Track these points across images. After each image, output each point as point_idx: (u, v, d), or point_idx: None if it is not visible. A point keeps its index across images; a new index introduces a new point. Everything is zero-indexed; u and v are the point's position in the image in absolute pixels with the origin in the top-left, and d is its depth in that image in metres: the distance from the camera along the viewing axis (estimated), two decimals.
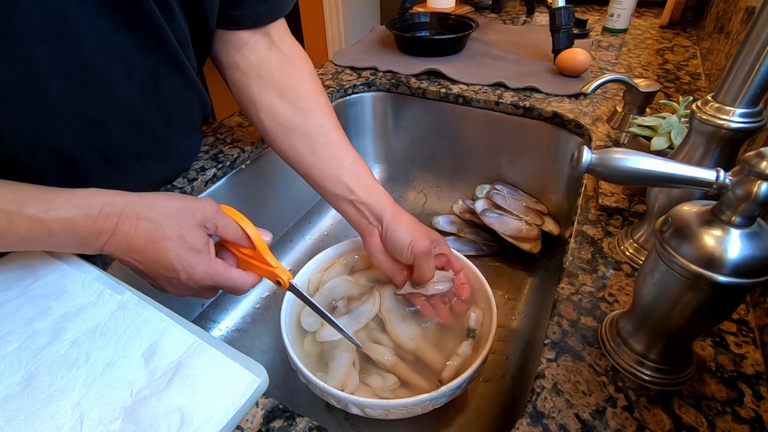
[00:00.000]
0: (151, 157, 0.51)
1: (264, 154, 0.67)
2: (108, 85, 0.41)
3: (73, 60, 0.37)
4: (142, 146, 0.49)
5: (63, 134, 0.40)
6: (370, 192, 0.51)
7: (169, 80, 0.47)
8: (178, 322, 0.37)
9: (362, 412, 0.42)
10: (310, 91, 0.53)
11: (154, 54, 0.43)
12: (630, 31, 1.06)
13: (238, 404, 0.32)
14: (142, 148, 0.49)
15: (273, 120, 0.52)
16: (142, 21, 0.40)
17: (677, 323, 0.31)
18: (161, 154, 0.53)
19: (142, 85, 0.44)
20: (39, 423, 0.30)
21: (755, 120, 0.32)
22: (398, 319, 0.51)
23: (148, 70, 0.44)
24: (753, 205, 0.26)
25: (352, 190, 0.51)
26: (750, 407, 0.32)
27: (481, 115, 0.77)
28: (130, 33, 0.40)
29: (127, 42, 0.40)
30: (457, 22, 0.96)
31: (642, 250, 0.45)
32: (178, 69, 0.47)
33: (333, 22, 1.95)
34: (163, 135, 0.51)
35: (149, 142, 0.50)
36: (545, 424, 0.32)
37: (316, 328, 0.50)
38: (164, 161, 0.54)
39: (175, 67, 0.47)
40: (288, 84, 0.53)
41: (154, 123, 0.49)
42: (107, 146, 0.45)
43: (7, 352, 0.34)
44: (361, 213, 0.51)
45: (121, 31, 0.39)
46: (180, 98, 0.50)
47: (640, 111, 0.59)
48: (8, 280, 0.40)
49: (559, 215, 0.75)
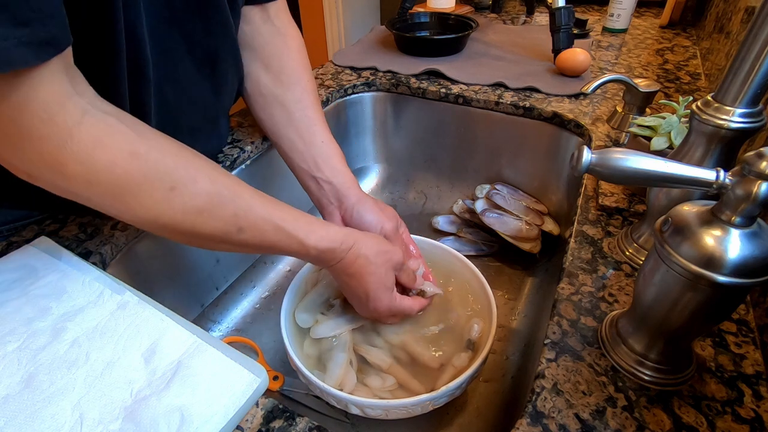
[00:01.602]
0: (201, 132, 0.54)
1: (264, 154, 0.67)
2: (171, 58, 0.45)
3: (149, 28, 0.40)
4: (195, 120, 0.52)
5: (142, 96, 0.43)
6: (335, 172, 0.53)
7: (225, 62, 0.50)
8: (178, 322, 0.37)
9: (362, 412, 0.42)
10: (295, 66, 0.56)
11: (216, 37, 0.48)
12: (630, 31, 1.06)
13: (238, 404, 0.32)
14: (195, 123, 0.52)
15: (256, 89, 0.55)
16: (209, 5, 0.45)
17: (677, 323, 0.31)
18: (209, 131, 0.56)
19: (200, 62, 0.48)
20: (39, 423, 0.30)
21: (755, 120, 0.32)
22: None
23: (207, 50, 0.48)
24: (753, 205, 0.26)
25: (319, 167, 0.53)
26: (750, 407, 0.32)
27: (481, 115, 0.77)
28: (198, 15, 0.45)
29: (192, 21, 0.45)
30: (457, 22, 0.96)
31: (642, 250, 0.45)
32: (233, 52, 0.51)
33: (333, 22, 1.95)
34: (212, 113, 0.55)
35: (201, 117, 0.53)
36: (545, 424, 0.32)
37: (310, 324, 0.50)
38: (209, 138, 0.58)
39: (231, 50, 0.50)
40: (274, 57, 0.55)
41: (207, 100, 0.52)
42: (164, 114, 0.47)
43: (7, 352, 0.34)
44: (323, 191, 0.53)
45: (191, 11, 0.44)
46: (230, 79, 0.53)
47: (640, 111, 0.59)
48: (8, 280, 0.40)
49: (559, 215, 0.75)
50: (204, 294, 0.64)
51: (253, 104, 0.57)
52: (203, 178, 0.35)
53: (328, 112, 0.80)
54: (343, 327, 0.50)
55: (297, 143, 0.53)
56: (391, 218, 0.52)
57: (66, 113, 0.29)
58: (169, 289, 0.57)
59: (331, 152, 0.53)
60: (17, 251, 0.44)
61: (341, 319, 0.51)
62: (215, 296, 0.66)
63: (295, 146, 0.54)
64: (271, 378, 0.55)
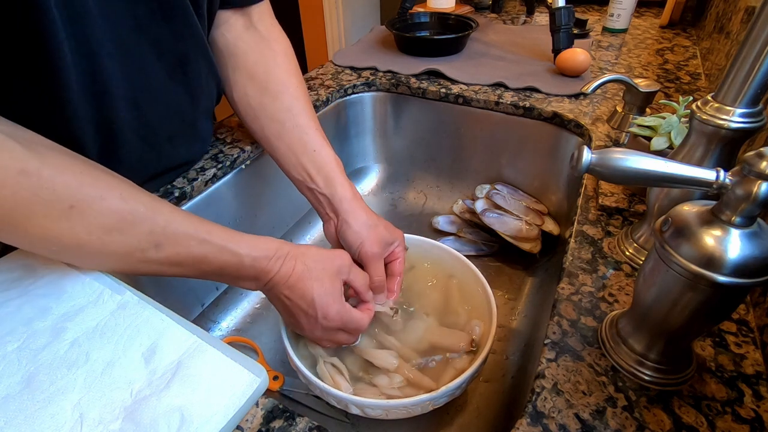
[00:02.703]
0: (181, 138, 0.53)
1: (264, 154, 0.67)
2: (141, 66, 0.43)
3: (113, 41, 0.40)
4: (172, 127, 0.51)
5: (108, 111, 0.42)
6: (329, 183, 0.51)
7: (196, 64, 0.49)
8: (178, 322, 0.37)
9: (362, 412, 0.42)
10: (282, 73, 0.54)
11: (185, 40, 0.46)
12: (630, 31, 1.06)
13: (238, 404, 0.32)
14: (173, 129, 0.51)
15: (243, 100, 0.54)
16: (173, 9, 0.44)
17: (677, 323, 0.31)
18: (189, 136, 0.55)
19: (171, 68, 0.46)
20: (39, 423, 0.30)
21: (755, 120, 0.32)
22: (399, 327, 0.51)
23: (177, 54, 0.46)
24: (753, 205, 0.26)
25: (313, 179, 0.51)
26: (750, 407, 0.32)
27: (481, 115, 0.77)
28: (164, 20, 0.43)
29: (159, 27, 0.43)
30: (457, 22, 0.96)
31: (642, 250, 0.45)
32: (204, 54, 0.49)
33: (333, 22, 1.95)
34: (190, 117, 0.53)
35: (178, 123, 0.52)
36: (545, 424, 0.32)
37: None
38: (191, 143, 0.56)
39: (202, 51, 0.49)
40: (260, 65, 0.53)
41: (183, 105, 0.51)
42: (142, 126, 0.46)
43: (7, 352, 0.34)
44: (320, 202, 0.52)
45: (156, 17, 0.42)
46: (204, 81, 0.52)
47: (640, 111, 0.59)
48: (8, 280, 0.40)
49: (559, 215, 0.75)
50: (204, 294, 0.64)
51: (243, 116, 0.56)
52: (112, 195, 0.33)
53: (328, 112, 0.80)
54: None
55: (289, 156, 0.52)
56: (374, 242, 0.49)
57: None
58: (169, 289, 0.57)
59: (323, 161, 0.52)
60: (17, 251, 0.44)
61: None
62: (215, 296, 0.66)
63: (288, 159, 0.52)
64: (271, 378, 0.55)
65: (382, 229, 0.51)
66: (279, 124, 0.53)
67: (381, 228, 0.50)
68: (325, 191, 0.51)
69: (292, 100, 0.53)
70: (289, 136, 0.52)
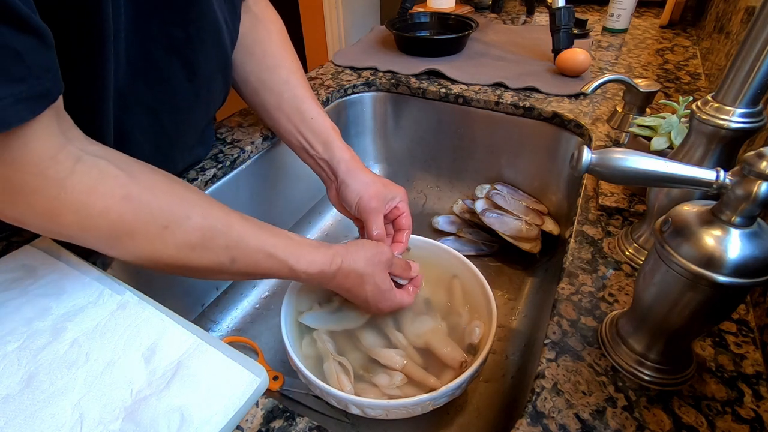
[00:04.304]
0: (189, 144, 0.55)
1: (264, 154, 0.67)
2: (170, 85, 0.45)
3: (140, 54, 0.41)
4: (185, 137, 0.53)
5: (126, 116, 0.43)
6: (327, 147, 0.54)
7: (217, 82, 0.51)
8: (178, 322, 0.37)
9: (362, 412, 0.42)
10: (277, 50, 0.57)
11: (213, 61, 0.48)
12: (630, 31, 1.06)
13: (238, 404, 0.32)
14: (185, 138, 0.53)
15: (243, 77, 0.56)
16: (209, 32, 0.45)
17: (677, 323, 0.31)
18: (195, 142, 0.57)
19: (198, 88, 0.48)
20: (39, 423, 0.30)
21: (755, 120, 0.32)
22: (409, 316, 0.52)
23: (205, 76, 0.48)
24: (753, 205, 0.26)
25: (312, 145, 0.55)
26: (750, 407, 0.32)
27: (481, 115, 0.77)
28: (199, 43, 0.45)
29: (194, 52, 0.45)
30: (457, 22, 0.96)
31: (642, 250, 0.45)
32: (225, 71, 0.52)
33: (333, 22, 1.94)
34: (202, 126, 0.56)
35: (192, 133, 0.54)
36: (545, 424, 0.32)
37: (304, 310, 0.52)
38: (197, 149, 0.59)
39: (224, 69, 0.51)
40: (256, 43, 0.56)
41: (200, 120, 0.53)
42: (158, 135, 0.47)
43: (7, 352, 0.34)
44: (321, 167, 0.55)
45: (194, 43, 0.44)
46: (219, 95, 0.54)
47: (640, 111, 0.59)
48: (8, 280, 0.40)
49: (559, 215, 0.75)
50: (204, 294, 0.64)
51: (243, 92, 0.58)
52: (196, 213, 0.36)
53: (329, 112, 0.80)
54: (330, 324, 0.50)
55: (288, 125, 0.55)
56: (372, 197, 0.51)
57: (58, 165, 0.29)
58: (169, 289, 0.57)
59: (321, 128, 0.54)
60: (17, 251, 0.44)
61: (333, 316, 0.51)
62: (215, 296, 0.66)
63: (287, 128, 0.55)
64: (271, 378, 0.55)
65: (381, 185, 0.53)
66: (277, 96, 0.55)
67: (379, 184, 0.53)
68: (324, 156, 0.54)
69: (289, 73, 0.56)
70: (288, 106, 0.55)
